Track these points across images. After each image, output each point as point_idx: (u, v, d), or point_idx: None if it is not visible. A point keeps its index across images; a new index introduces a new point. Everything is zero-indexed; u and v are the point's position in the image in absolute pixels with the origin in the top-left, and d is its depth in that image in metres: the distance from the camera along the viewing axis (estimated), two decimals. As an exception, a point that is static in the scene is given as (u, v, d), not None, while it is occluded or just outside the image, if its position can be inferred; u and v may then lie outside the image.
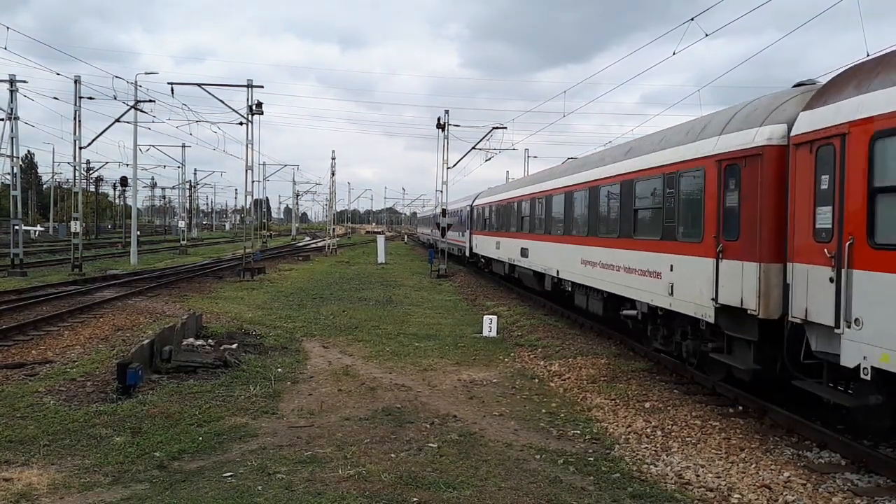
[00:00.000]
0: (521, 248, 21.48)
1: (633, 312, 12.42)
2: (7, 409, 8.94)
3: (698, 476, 7.07)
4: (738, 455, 7.70)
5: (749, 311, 8.62)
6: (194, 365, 11.30)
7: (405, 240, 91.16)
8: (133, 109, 33.00)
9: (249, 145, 30.56)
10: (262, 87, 30.88)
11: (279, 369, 11.73)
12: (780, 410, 8.84)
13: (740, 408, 9.60)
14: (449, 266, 34.95)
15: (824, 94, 7.85)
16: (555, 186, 17.95)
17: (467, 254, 34.82)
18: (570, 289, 16.54)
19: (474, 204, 33.19)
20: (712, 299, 9.39)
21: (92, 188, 74.59)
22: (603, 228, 13.96)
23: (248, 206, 35.49)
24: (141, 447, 7.55)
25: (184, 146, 55.46)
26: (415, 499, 6.27)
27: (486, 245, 29.41)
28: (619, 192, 13.03)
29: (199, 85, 29.97)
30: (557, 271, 17.16)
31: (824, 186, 7.52)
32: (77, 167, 32.17)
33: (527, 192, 21.49)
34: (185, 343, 12.46)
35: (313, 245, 67.58)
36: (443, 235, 34.96)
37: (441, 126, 33.15)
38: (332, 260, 45.36)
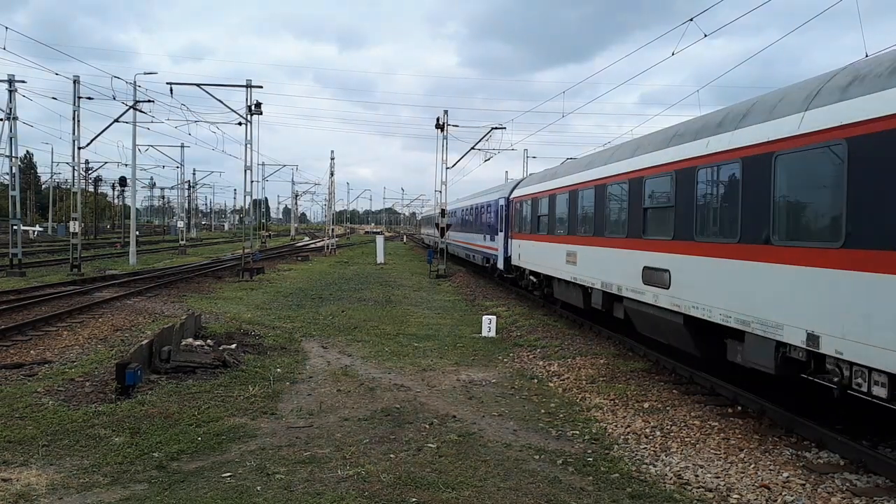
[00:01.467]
0: (646, 269, 11.15)
1: None
2: (6, 409, 8.93)
3: (697, 476, 7.07)
4: (737, 455, 7.70)
5: None
6: (193, 365, 11.29)
7: (404, 240, 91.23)
8: (132, 109, 33.00)
9: (248, 145, 30.59)
10: (261, 87, 30.94)
11: (278, 369, 11.72)
12: (779, 410, 8.83)
13: (739, 408, 9.60)
14: (448, 266, 34.94)
15: None
16: (802, 131, 7.52)
17: (499, 265, 25.09)
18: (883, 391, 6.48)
19: (513, 196, 23.64)
20: None
21: (91, 188, 74.53)
22: None
23: (247, 207, 35.50)
24: (140, 447, 7.55)
25: (182, 146, 55.55)
26: (414, 499, 6.26)
27: (541, 255, 19.03)
28: None
29: (198, 85, 30.04)
30: (810, 337, 7.19)
31: None
32: (76, 167, 32.17)
33: (665, 161, 10.74)
34: (184, 343, 12.45)
35: (312, 245, 67.57)
36: (442, 236, 35.00)
37: (440, 126, 33.19)
38: (332, 260, 45.34)
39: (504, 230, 24.49)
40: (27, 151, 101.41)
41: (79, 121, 30.36)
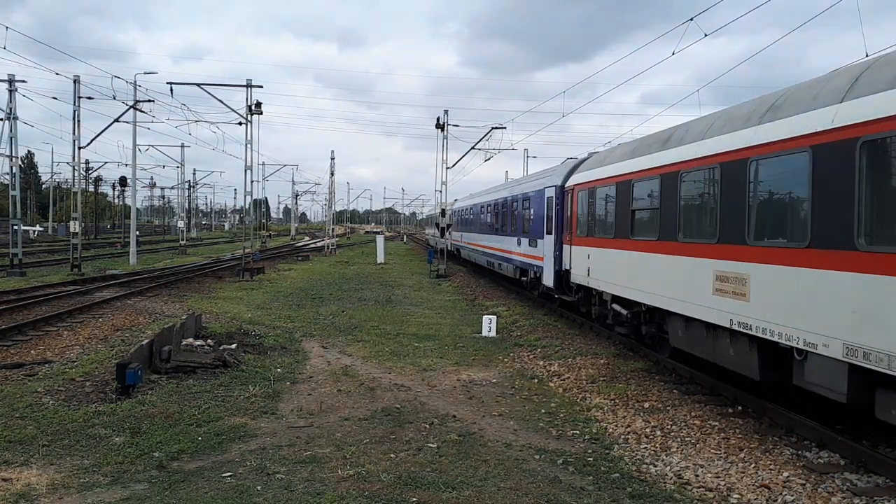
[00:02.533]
0: None
1: None
2: (6, 409, 8.94)
3: (697, 476, 7.07)
4: (738, 455, 7.70)
5: None
6: (193, 365, 11.29)
7: (405, 240, 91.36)
8: (132, 109, 33.00)
9: (249, 145, 30.57)
10: (261, 86, 30.90)
11: (278, 369, 11.72)
12: (780, 410, 8.83)
13: (739, 408, 9.60)
14: (448, 266, 34.92)
15: None
16: None
17: (547, 280, 18.57)
18: None
19: (572, 184, 16.82)
20: None
21: (91, 188, 74.54)
22: None
23: (247, 206, 35.50)
24: (140, 447, 7.55)
25: (183, 146, 55.50)
26: (414, 499, 6.26)
27: (638, 274, 12.08)
28: None
29: (198, 85, 30.02)
30: None
31: None
32: (76, 167, 32.17)
33: None
34: (184, 343, 12.45)
35: (312, 245, 67.57)
36: (442, 235, 34.98)
37: (440, 126, 33.18)
38: (332, 260, 45.34)
39: (555, 232, 18.03)
40: (28, 151, 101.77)
41: (79, 121, 30.39)
